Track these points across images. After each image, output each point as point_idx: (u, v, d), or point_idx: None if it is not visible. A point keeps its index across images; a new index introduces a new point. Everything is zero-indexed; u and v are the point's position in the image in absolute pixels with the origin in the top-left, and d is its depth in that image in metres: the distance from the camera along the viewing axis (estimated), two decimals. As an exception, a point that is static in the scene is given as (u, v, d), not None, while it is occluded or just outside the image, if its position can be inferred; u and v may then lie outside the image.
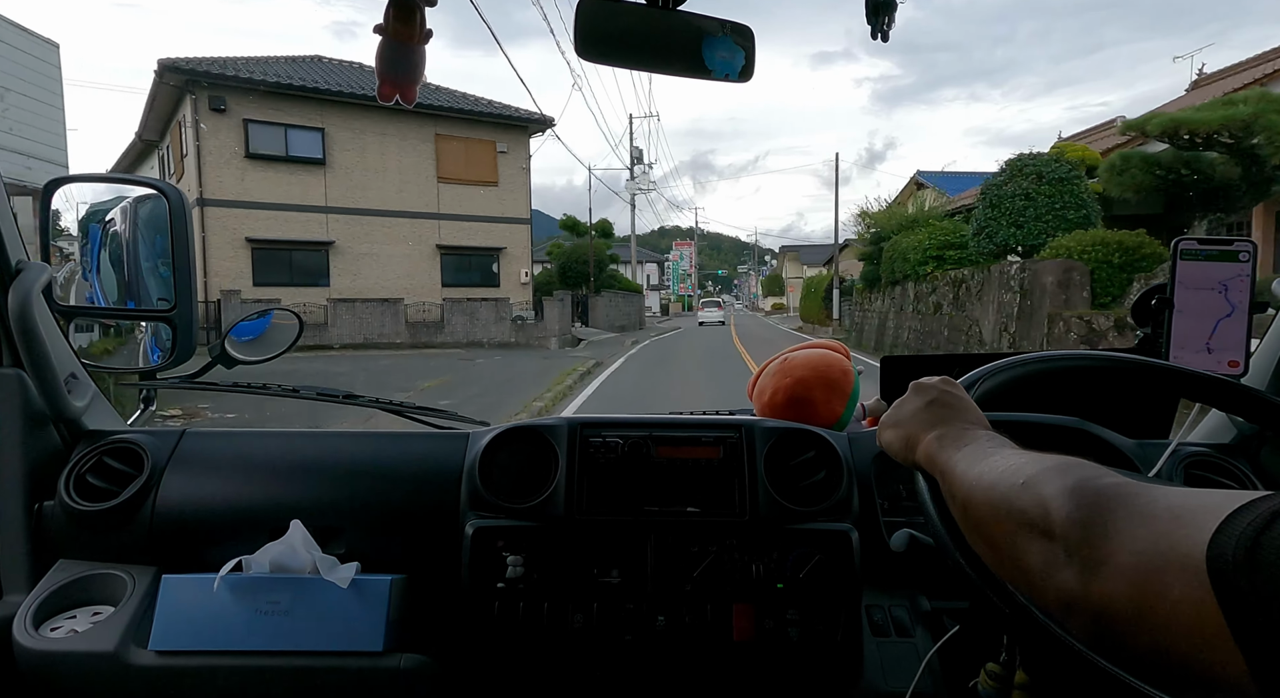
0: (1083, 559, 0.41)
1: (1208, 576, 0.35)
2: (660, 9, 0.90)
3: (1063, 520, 0.43)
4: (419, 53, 0.95)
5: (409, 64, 0.95)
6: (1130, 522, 0.40)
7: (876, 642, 0.96)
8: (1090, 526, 0.42)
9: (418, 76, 0.96)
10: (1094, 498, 0.43)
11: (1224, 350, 0.97)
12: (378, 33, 0.92)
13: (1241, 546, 0.34)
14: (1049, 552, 0.44)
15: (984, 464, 0.55)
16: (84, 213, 1.21)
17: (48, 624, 0.93)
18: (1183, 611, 0.36)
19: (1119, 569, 0.39)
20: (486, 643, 0.95)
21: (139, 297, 1.21)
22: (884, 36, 0.94)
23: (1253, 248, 0.95)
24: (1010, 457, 0.54)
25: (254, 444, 1.11)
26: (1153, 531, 0.39)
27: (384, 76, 0.95)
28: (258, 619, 0.92)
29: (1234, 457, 1.08)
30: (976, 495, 0.53)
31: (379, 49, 0.93)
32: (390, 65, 0.94)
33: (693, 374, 12.86)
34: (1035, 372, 0.77)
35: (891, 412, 0.71)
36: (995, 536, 0.51)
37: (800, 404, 1.16)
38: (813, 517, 0.98)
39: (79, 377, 1.09)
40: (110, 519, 0.99)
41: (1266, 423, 0.76)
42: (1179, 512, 0.39)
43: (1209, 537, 0.35)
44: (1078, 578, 0.42)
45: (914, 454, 0.65)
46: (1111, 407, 1.17)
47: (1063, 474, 0.46)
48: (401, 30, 0.92)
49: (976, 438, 0.60)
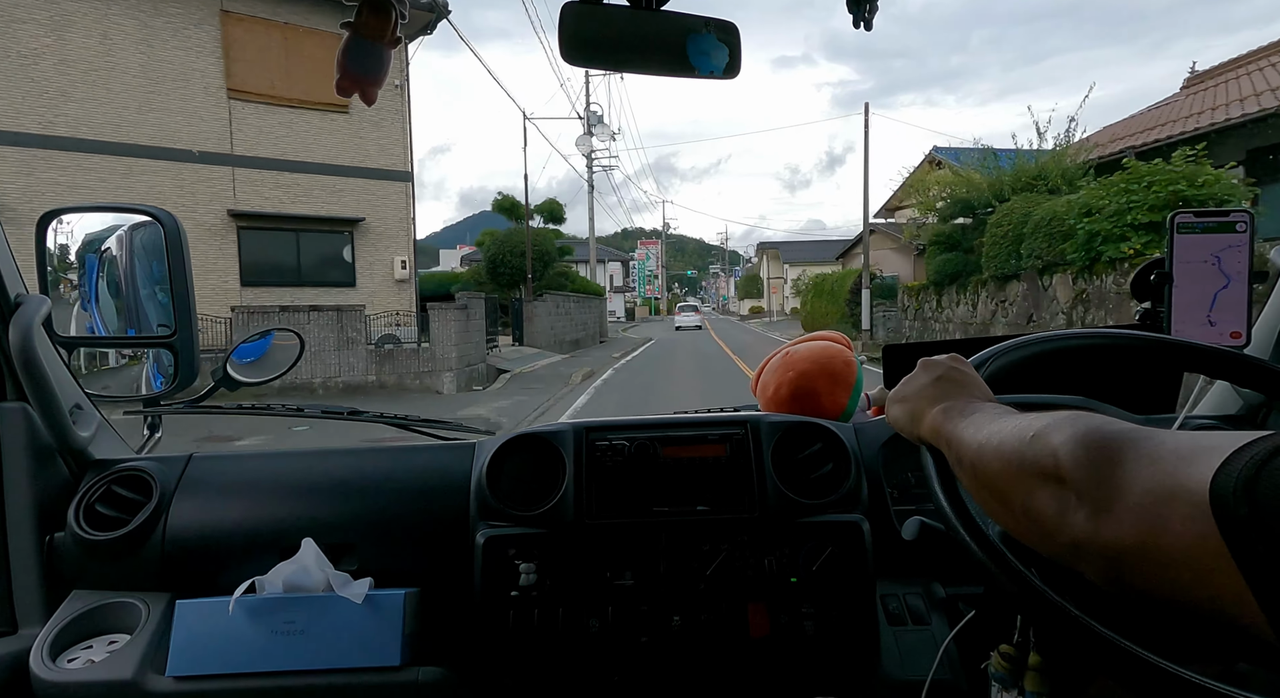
0: (1093, 501, 0.43)
1: (1210, 508, 0.36)
2: (644, 10, 0.90)
3: (1073, 466, 0.44)
4: (386, 52, 0.93)
5: (376, 62, 0.93)
6: (1138, 463, 0.41)
7: (893, 631, 0.96)
8: (1099, 468, 0.43)
9: (383, 76, 0.94)
10: (1102, 442, 0.44)
11: (1226, 322, 0.97)
12: (346, 28, 0.90)
13: (1242, 478, 0.35)
14: (1060, 498, 0.45)
15: (991, 426, 0.56)
16: (79, 243, 1.21)
17: (64, 655, 0.93)
18: (1187, 544, 0.37)
19: (1127, 509, 0.40)
20: (503, 652, 0.95)
21: (139, 324, 1.21)
22: (867, 25, 0.94)
23: (1249, 217, 0.95)
24: (1017, 418, 0.54)
25: (261, 465, 1.11)
26: (1159, 470, 0.40)
27: (347, 72, 0.92)
28: (274, 640, 0.92)
29: (1241, 427, 1.08)
30: (986, 454, 0.54)
31: (345, 43, 0.91)
32: (356, 62, 0.92)
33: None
34: (1043, 351, 0.77)
35: (899, 387, 0.72)
36: (1006, 490, 0.52)
37: (804, 397, 1.16)
38: (823, 509, 0.97)
39: (84, 407, 1.10)
40: (122, 547, 0.99)
41: (1271, 392, 0.76)
42: (1184, 452, 0.40)
43: (1212, 473, 0.37)
44: (1088, 520, 0.43)
45: (920, 428, 0.66)
46: (1116, 384, 1.17)
47: (1072, 423, 0.47)
48: (375, 29, 0.90)
49: (983, 408, 0.61)
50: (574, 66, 0.89)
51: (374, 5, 0.89)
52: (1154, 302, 1.05)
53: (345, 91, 0.93)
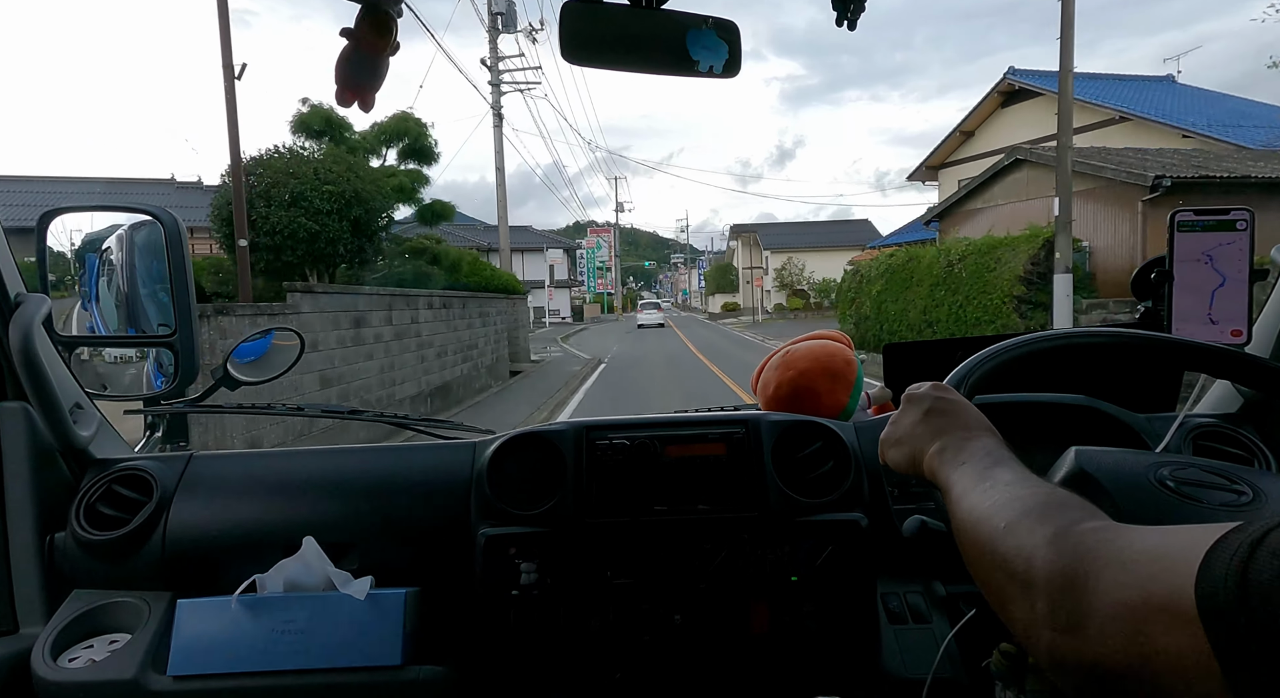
0: (1068, 614, 0.40)
1: (1199, 618, 0.33)
2: (644, 8, 0.90)
3: (1045, 573, 0.43)
4: (385, 62, 0.93)
5: (373, 72, 0.93)
6: (1111, 570, 0.39)
7: (894, 629, 0.96)
8: (1072, 577, 0.41)
9: (380, 83, 0.95)
10: (1073, 547, 0.42)
11: (1226, 321, 0.97)
12: (344, 37, 0.90)
13: (1231, 583, 0.33)
14: (1033, 606, 0.43)
15: (975, 495, 0.54)
16: (79, 242, 1.21)
17: (65, 655, 0.93)
18: (1176, 659, 0.34)
19: (1106, 624, 0.38)
20: (504, 651, 0.95)
21: (139, 323, 1.21)
22: (851, 24, 0.94)
23: (1249, 215, 0.95)
24: (998, 488, 0.53)
25: (261, 464, 1.11)
26: (1135, 576, 0.38)
27: (347, 83, 0.93)
28: (274, 639, 0.92)
29: (1241, 425, 1.08)
30: (965, 534, 0.53)
31: (343, 55, 0.91)
32: (356, 73, 0.92)
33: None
34: (1020, 354, 0.77)
35: (890, 429, 0.70)
36: (983, 579, 0.50)
37: (805, 396, 1.16)
38: (823, 508, 0.97)
39: (84, 406, 1.10)
40: (122, 547, 0.99)
41: (1271, 391, 0.76)
42: (1158, 553, 0.38)
43: (1194, 578, 0.34)
44: (1065, 636, 0.40)
45: (920, 471, 0.65)
46: (1117, 382, 1.17)
47: (1043, 520, 0.46)
48: (375, 43, 0.90)
49: (974, 453, 0.60)
50: (574, 65, 0.89)
51: (374, 22, 0.90)
52: (1154, 300, 1.05)
53: (346, 103, 0.94)
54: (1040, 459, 1.07)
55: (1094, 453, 0.71)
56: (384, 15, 0.90)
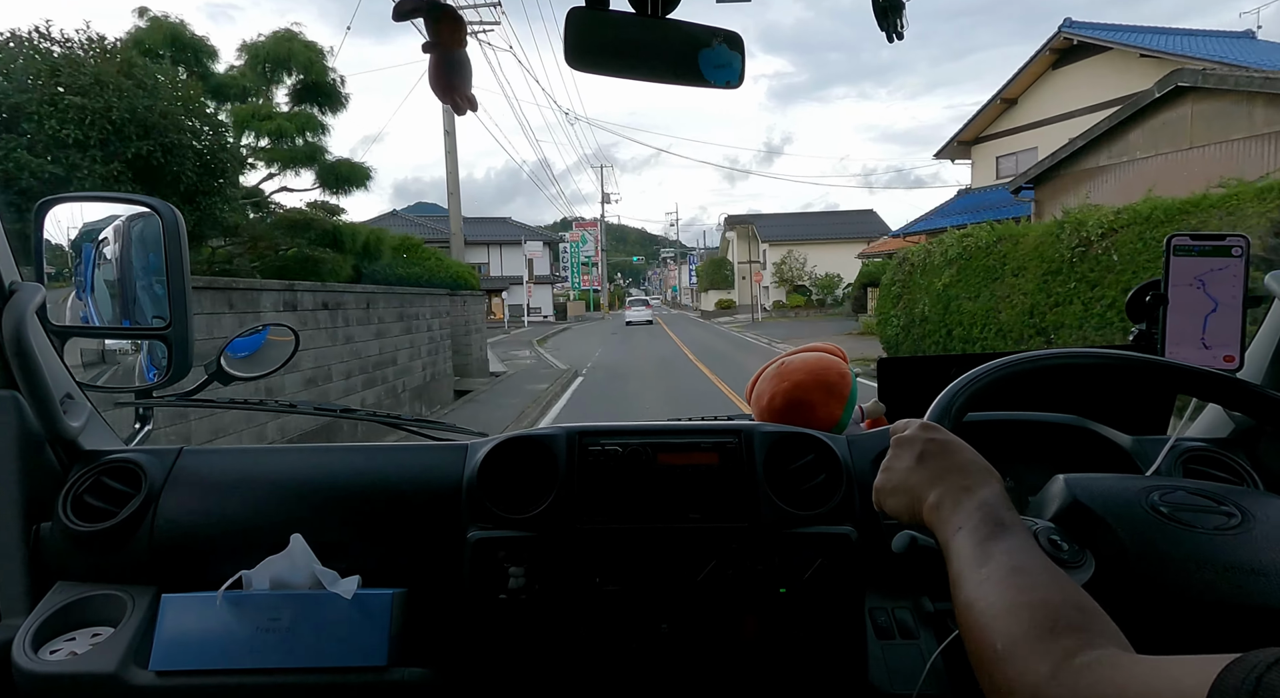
0: None
1: None
2: (650, 18, 0.90)
3: None
4: (466, 57, 0.97)
5: (463, 68, 0.97)
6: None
7: (881, 645, 0.96)
8: None
9: (472, 75, 0.99)
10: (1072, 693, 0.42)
11: (1219, 346, 0.97)
12: (427, 51, 0.94)
13: None
14: None
15: (972, 582, 0.53)
16: (77, 232, 1.21)
17: (47, 647, 0.92)
18: None
19: None
20: (490, 655, 0.94)
21: (134, 315, 1.20)
22: (898, 36, 0.95)
23: (1245, 243, 0.96)
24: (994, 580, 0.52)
25: (252, 460, 1.11)
26: None
27: (452, 89, 0.97)
28: (259, 637, 0.91)
29: (1232, 451, 1.08)
30: (964, 629, 0.52)
31: (434, 65, 0.95)
32: (452, 75, 0.96)
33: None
34: (1009, 374, 0.76)
35: (884, 477, 0.68)
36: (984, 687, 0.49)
37: (798, 407, 1.16)
38: (814, 520, 0.97)
39: (75, 397, 1.09)
40: (109, 539, 0.98)
41: (1262, 417, 0.76)
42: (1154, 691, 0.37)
43: None
44: None
45: (921, 521, 0.64)
46: (1110, 403, 1.17)
47: (1039, 650, 0.45)
48: (455, 36, 0.95)
49: (970, 515, 0.58)
50: (580, 72, 0.90)
51: (442, 17, 0.93)
52: (1149, 323, 1.06)
53: (460, 109, 0.98)
54: (1030, 478, 1.07)
55: (1084, 481, 0.71)
56: (448, 9, 0.93)
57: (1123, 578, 0.62)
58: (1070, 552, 0.64)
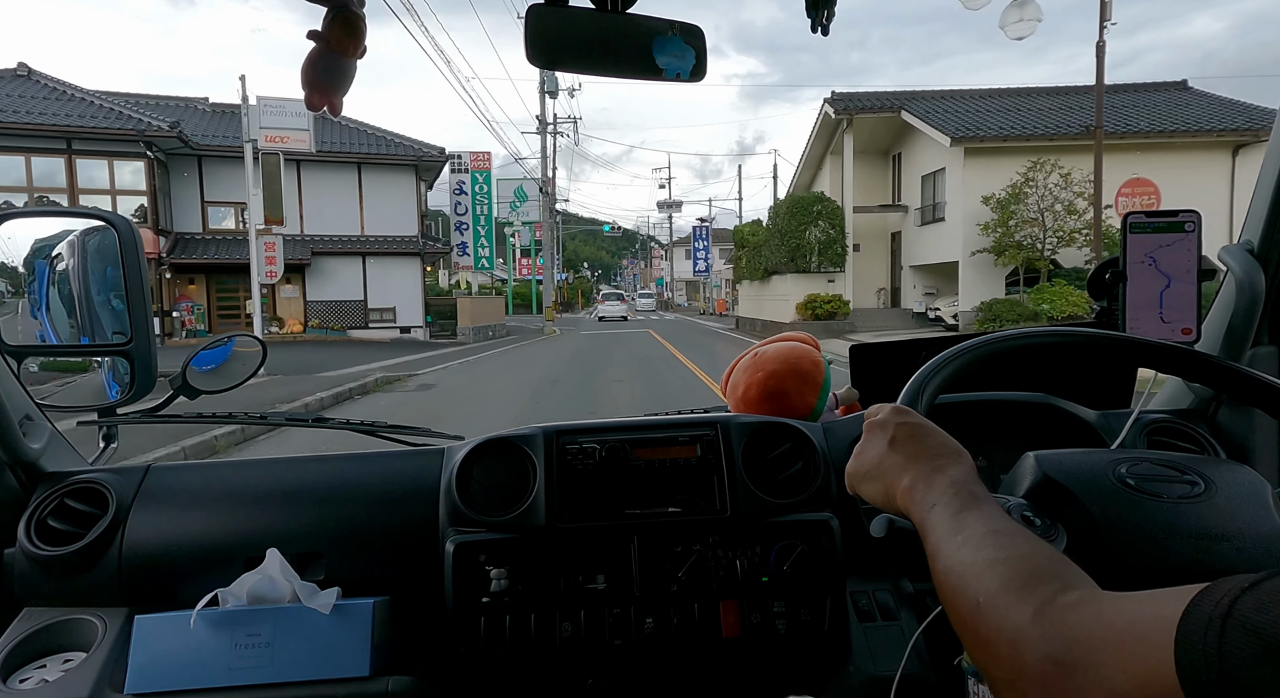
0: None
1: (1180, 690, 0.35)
2: (609, 13, 0.90)
3: (1034, 661, 0.43)
4: (353, 64, 0.92)
5: (342, 74, 0.92)
6: (1098, 653, 0.40)
7: (863, 627, 0.97)
8: (1061, 665, 0.41)
9: (349, 85, 0.93)
10: (1058, 631, 0.42)
11: (1177, 319, 1.00)
12: (312, 39, 0.89)
13: (1212, 675, 0.34)
14: (1025, 694, 0.43)
15: (947, 552, 0.54)
16: (29, 249, 1.17)
17: (16, 676, 0.89)
18: None
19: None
20: (475, 659, 0.94)
21: (92, 332, 1.17)
22: (824, 30, 0.95)
23: (1197, 218, 0.98)
24: (970, 544, 0.52)
25: (223, 474, 1.09)
26: (1122, 658, 0.39)
27: (316, 86, 0.91)
28: (238, 653, 0.90)
29: (1193, 421, 1.12)
30: (945, 598, 0.53)
31: (312, 57, 0.89)
32: (324, 75, 0.91)
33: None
34: (978, 356, 0.78)
35: (856, 461, 0.69)
36: (969, 651, 0.50)
37: (774, 397, 1.17)
38: (793, 508, 0.98)
39: (34, 417, 1.06)
40: (76, 562, 0.96)
41: (1220, 386, 0.78)
42: (1138, 632, 0.39)
43: (1174, 659, 0.36)
44: None
45: (896, 506, 0.64)
46: (1074, 380, 1.20)
47: (1021, 596, 0.46)
48: (345, 44, 0.89)
49: (943, 492, 0.59)
50: (540, 68, 0.89)
51: (344, 21, 0.88)
52: (1110, 300, 1.08)
53: (316, 107, 0.92)
54: (1001, 457, 1.09)
55: (1054, 457, 0.73)
56: (353, 16, 0.89)
57: (1094, 549, 0.63)
58: (1043, 526, 0.66)
